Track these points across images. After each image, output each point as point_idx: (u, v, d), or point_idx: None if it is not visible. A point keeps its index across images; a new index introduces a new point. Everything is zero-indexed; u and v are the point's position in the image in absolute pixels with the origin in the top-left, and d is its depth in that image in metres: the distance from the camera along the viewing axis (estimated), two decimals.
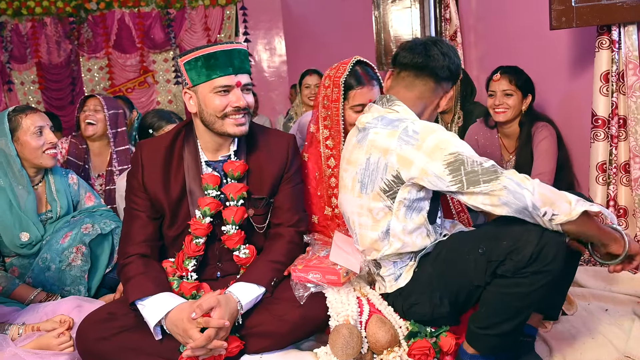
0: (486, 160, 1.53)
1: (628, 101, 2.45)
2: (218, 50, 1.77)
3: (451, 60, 1.74)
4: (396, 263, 1.75)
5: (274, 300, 1.79)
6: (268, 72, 7.40)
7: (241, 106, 1.79)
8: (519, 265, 1.48)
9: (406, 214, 1.66)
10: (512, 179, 1.47)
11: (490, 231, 1.62)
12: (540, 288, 1.49)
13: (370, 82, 2.04)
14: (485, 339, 1.61)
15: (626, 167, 2.52)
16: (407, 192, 1.64)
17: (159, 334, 1.68)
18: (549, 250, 1.46)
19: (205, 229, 1.84)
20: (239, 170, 1.86)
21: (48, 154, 2.28)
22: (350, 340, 1.67)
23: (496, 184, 1.47)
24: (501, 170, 1.50)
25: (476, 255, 1.56)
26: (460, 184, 1.52)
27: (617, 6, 2.35)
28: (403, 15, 5.65)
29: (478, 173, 1.50)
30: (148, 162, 1.88)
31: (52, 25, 6.90)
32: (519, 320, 1.57)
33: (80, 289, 2.20)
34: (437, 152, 1.55)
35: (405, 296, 1.74)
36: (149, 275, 1.77)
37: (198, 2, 7.04)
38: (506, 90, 2.71)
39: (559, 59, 3.02)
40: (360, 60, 2.09)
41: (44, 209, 2.33)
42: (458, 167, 1.52)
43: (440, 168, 1.54)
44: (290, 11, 7.08)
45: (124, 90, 7.01)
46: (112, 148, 3.02)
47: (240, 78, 1.80)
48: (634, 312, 2.02)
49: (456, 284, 1.64)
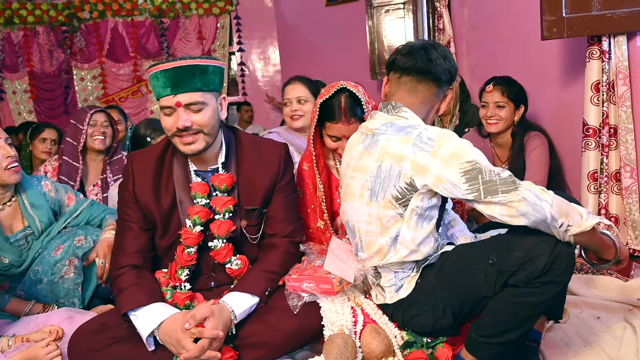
0: (503, 171, 1.52)
1: (618, 111, 2.48)
2: (159, 70, 1.72)
3: (451, 64, 1.73)
4: (397, 273, 1.72)
5: (268, 310, 1.78)
6: (262, 82, 7.42)
7: (180, 127, 1.73)
8: (532, 276, 1.48)
9: (417, 222, 1.64)
10: (531, 191, 1.47)
11: (498, 242, 1.60)
12: (550, 298, 1.51)
13: (348, 119, 1.99)
14: (487, 347, 1.60)
15: (617, 175, 2.54)
16: (419, 200, 1.62)
17: (151, 345, 1.67)
18: (562, 261, 1.48)
19: (196, 238, 1.83)
20: (225, 183, 1.85)
21: (10, 169, 2.09)
22: (345, 350, 1.66)
23: (515, 195, 1.46)
24: (519, 181, 1.50)
25: (486, 266, 1.55)
26: (477, 192, 1.51)
27: (607, 17, 2.38)
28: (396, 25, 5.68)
29: (496, 183, 1.49)
30: (139, 173, 1.88)
31: (44, 34, 6.89)
32: (524, 329, 1.57)
33: (74, 301, 2.17)
34: (454, 159, 1.53)
35: (406, 307, 1.72)
36: (142, 286, 1.76)
37: (192, 11, 7.05)
38: (498, 102, 2.73)
39: (550, 69, 3.05)
40: (347, 89, 2.01)
41: (21, 226, 2.20)
42: (475, 175, 1.51)
43: (456, 176, 1.52)
44: (284, 21, 7.11)
45: (117, 100, 6.99)
46: (108, 158, 3.02)
47: (180, 98, 1.71)
48: (626, 320, 2.03)
49: (462, 295, 1.62)
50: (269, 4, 7.21)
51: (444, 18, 4.30)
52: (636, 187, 2.50)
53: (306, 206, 2.13)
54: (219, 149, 1.89)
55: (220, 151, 1.89)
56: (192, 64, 1.72)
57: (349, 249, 1.88)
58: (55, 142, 3.72)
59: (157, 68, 1.73)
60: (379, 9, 5.76)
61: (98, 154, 3.00)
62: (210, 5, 7.05)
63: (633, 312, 2.10)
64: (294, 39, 6.94)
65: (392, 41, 5.69)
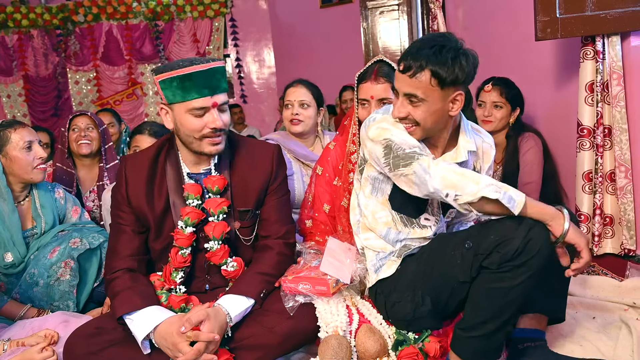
0: (410, 147, 1.65)
1: (613, 111, 2.49)
2: (194, 71, 1.72)
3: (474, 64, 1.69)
4: (378, 254, 1.82)
5: (263, 312, 1.78)
6: (257, 84, 7.42)
7: (218, 127, 1.77)
8: (504, 258, 1.51)
9: (372, 192, 1.83)
10: (421, 165, 1.60)
11: (476, 228, 1.67)
12: (521, 284, 1.52)
13: (377, 79, 2.05)
14: (469, 342, 1.62)
15: (612, 176, 2.55)
16: (372, 170, 1.80)
17: (147, 348, 1.67)
18: (534, 244, 1.50)
19: (188, 239, 1.83)
20: (218, 184, 1.85)
21: (38, 168, 2.25)
22: (339, 350, 1.67)
23: (409, 169, 1.62)
24: (419, 155, 1.62)
25: (462, 250, 1.60)
26: (389, 166, 1.67)
27: (601, 17, 2.39)
28: (391, 27, 5.69)
29: (399, 157, 1.64)
30: (132, 176, 1.87)
31: (38, 38, 6.88)
32: (502, 321, 1.58)
33: (69, 304, 2.18)
34: (378, 137, 1.70)
35: (387, 294, 1.78)
36: (137, 290, 1.75)
37: (187, 14, 7.05)
38: (496, 102, 2.73)
39: (544, 70, 3.06)
40: (383, 60, 2.10)
41: (30, 225, 2.29)
42: (389, 151, 1.67)
43: (380, 151, 1.69)
44: (279, 23, 7.12)
45: (112, 103, 6.98)
46: (104, 164, 2.94)
47: (216, 98, 1.76)
48: (622, 320, 2.03)
49: (440, 281, 1.67)
50: (263, 6, 7.22)
51: (438, 19, 4.30)
52: (631, 187, 2.50)
53: (327, 184, 2.16)
54: None
55: None
56: (220, 65, 1.79)
57: (347, 248, 1.89)
58: (47, 145, 3.69)
59: (185, 70, 1.71)
60: (373, 10, 5.78)
61: (87, 158, 2.92)
62: (204, 8, 7.06)
63: (628, 312, 2.11)
64: (288, 41, 6.95)
65: (387, 42, 5.71)
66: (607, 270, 2.52)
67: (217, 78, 1.76)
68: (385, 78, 2.05)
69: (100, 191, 2.86)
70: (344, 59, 5.87)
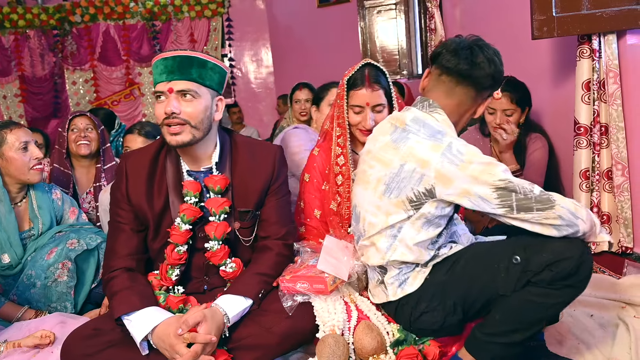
0: (533, 186, 1.55)
1: (609, 109, 2.49)
2: (159, 58, 1.76)
3: (496, 69, 1.69)
4: (401, 269, 1.71)
5: (261, 312, 1.77)
6: (255, 84, 7.41)
7: (167, 113, 1.72)
8: (556, 277, 1.49)
9: (424, 225, 1.65)
10: (566, 208, 1.51)
11: (522, 243, 1.59)
12: (565, 302, 1.55)
13: (371, 85, 2.06)
14: (489, 347, 1.60)
15: (609, 174, 2.55)
16: (433, 207, 1.63)
17: (145, 349, 1.67)
18: (586, 268, 1.51)
19: (183, 236, 1.82)
20: (220, 184, 1.84)
21: (35, 169, 2.24)
22: (337, 349, 1.67)
23: (551, 213, 1.50)
24: (552, 196, 1.52)
25: (508, 264, 1.55)
26: (508, 208, 1.53)
27: (597, 16, 2.39)
28: (388, 26, 5.69)
29: (531, 201, 1.52)
30: (132, 173, 1.87)
31: (35, 38, 6.85)
32: (531, 332, 1.57)
33: (66, 305, 2.17)
34: (485, 176, 1.55)
35: (413, 304, 1.70)
36: (135, 290, 1.75)
37: (184, 14, 7.03)
38: (507, 110, 2.67)
39: (541, 68, 3.06)
40: (371, 64, 2.12)
41: (27, 226, 2.29)
42: (508, 193, 1.53)
43: (487, 191, 1.54)
44: (276, 22, 7.11)
45: (109, 103, 6.96)
46: (101, 165, 2.93)
47: (173, 84, 1.73)
48: (619, 317, 2.04)
49: (476, 292, 1.62)
50: (261, 5, 7.21)
51: (435, 18, 4.31)
52: (628, 185, 2.51)
53: (316, 190, 2.16)
54: (212, 149, 1.89)
55: (214, 151, 1.89)
56: (192, 55, 1.76)
57: (344, 246, 1.88)
58: (42, 146, 3.69)
59: (159, 56, 1.76)
60: (370, 10, 5.78)
61: (85, 159, 2.91)
62: (202, 8, 7.04)
63: (626, 310, 2.11)
64: (286, 40, 6.94)
65: (384, 42, 5.70)
66: (604, 268, 2.53)
67: (184, 65, 1.73)
68: (378, 84, 2.08)
69: (97, 192, 2.84)
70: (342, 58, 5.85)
